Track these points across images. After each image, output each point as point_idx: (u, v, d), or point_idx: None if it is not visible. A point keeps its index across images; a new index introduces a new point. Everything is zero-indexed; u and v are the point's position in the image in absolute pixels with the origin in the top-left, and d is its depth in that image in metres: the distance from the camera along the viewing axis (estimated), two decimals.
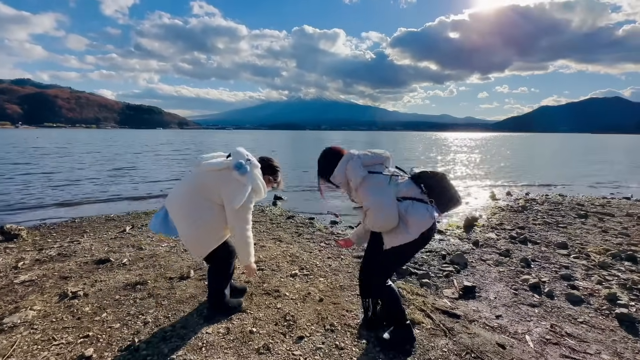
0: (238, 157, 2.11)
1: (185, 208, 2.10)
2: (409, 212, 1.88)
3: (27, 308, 2.47)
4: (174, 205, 2.15)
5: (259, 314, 2.45)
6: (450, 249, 4.11)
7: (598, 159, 23.00)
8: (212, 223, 2.12)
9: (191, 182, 2.15)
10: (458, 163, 18.63)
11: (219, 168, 2.11)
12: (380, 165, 2.04)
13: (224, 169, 2.10)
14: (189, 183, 2.16)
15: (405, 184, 1.98)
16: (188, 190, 2.13)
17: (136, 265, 3.35)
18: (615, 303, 2.77)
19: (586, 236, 4.71)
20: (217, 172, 2.11)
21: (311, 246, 4.13)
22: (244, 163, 2.09)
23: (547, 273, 3.40)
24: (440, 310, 2.60)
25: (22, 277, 3.03)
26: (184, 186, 2.18)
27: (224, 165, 2.10)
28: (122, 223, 5.17)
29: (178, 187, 2.22)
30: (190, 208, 2.09)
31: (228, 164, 2.09)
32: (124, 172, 12.82)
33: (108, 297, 2.66)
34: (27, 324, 2.28)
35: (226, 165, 2.09)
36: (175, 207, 2.13)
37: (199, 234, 2.10)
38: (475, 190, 9.66)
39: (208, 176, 2.11)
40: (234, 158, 2.11)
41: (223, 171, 2.10)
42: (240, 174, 2.05)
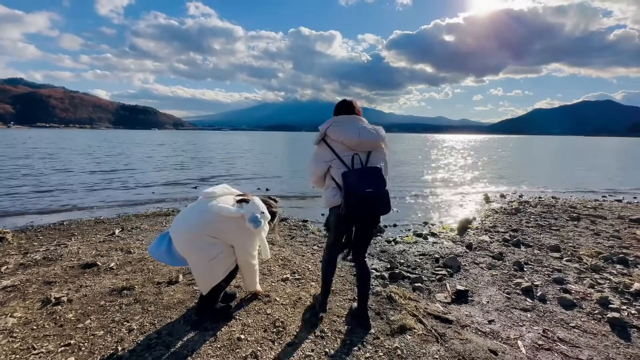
0: (254, 210, 2.17)
1: (196, 244, 2.12)
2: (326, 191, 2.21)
3: (7, 315, 2.38)
4: (181, 238, 2.15)
5: (248, 320, 2.40)
6: (444, 252, 4.09)
7: (590, 161, 23.28)
8: (222, 260, 2.18)
9: (201, 219, 2.15)
10: (453, 165, 18.72)
11: (234, 216, 2.14)
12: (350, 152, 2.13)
13: (239, 218, 2.15)
14: (199, 219, 2.15)
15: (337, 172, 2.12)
16: (198, 226, 2.13)
17: (124, 269, 3.28)
18: (607, 307, 2.76)
19: (578, 239, 4.73)
20: (231, 220, 2.15)
21: (304, 249, 4.08)
22: (259, 217, 2.16)
23: (539, 276, 3.39)
24: (432, 316, 2.56)
25: (4, 282, 2.93)
26: (192, 220, 2.16)
27: (239, 214, 2.14)
28: (112, 226, 5.08)
29: (185, 218, 2.20)
30: (202, 244, 2.12)
31: (243, 215, 2.14)
32: (115, 173, 12.66)
33: (93, 303, 2.58)
34: (6, 331, 2.20)
35: (241, 214, 2.15)
36: (184, 241, 2.14)
37: (210, 269, 2.15)
38: (469, 192, 9.69)
39: (221, 221, 2.14)
40: (250, 209, 2.17)
41: (237, 220, 2.15)
42: (255, 227, 2.15)
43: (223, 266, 2.20)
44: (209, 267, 2.13)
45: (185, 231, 2.14)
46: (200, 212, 2.17)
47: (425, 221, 6.05)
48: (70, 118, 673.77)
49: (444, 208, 7.41)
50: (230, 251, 2.24)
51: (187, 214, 2.22)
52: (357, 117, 2.20)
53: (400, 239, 4.71)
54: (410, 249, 4.25)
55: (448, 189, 10.21)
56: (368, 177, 2.03)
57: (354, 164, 2.09)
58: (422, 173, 14.49)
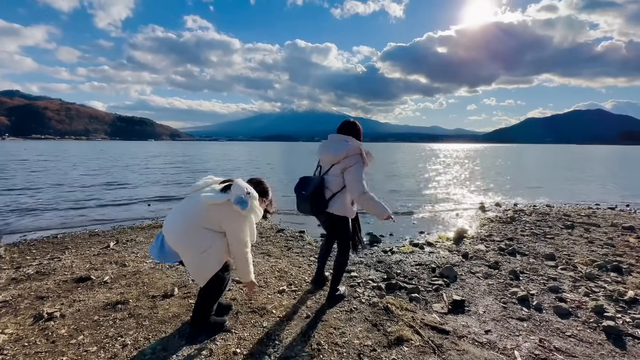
0: (238, 192, 2.13)
1: (187, 237, 2.11)
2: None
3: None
4: (173, 234, 2.14)
5: (244, 333, 2.38)
6: (440, 262, 4.10)
7: (582, 169, 23.60)
8: (214, 250, 2.15)
9: (190, 212, 2.15)
10: (449, 174, 18.87)
11: (219, 202, 2.11)
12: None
13: (225, 203, 2.11)
14: (188, 212, 2.15)
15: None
16: (187, 220, 2.13)
17: (118, 283, 3.24)
18: (602, 315, 2.78)
19: (573, 247, 4.77)
20: (218, 206, 2.12)
21: (300, 260, 4.07)
22: (245, 197, 2.12)
23: (535, 285, 3.41)
24: (429, 326, 2.56)
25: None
26: (181, 215, 2.17)
27: (224, 199, 2.11)
28: (107, 238, 5.03)
29: (175, 215, 2.20)
30: (192, 237, 2.11)
31: (228, 198, 2.11)
32: (110, 185, 12.58)
33: (86, 318, 2.55)
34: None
35: (226, 199, 2.11)
36: (175, 236, 2.13)
37: (203, 261, 2.13)
38: (465, 201, 9.76)
39: (209, 209, 2.12)
40: (234, 192, 2.13)
41: (224, 205, 2.11)
42: (242, 208, 2.10)
43: (216, 257, 2.17)
44: (202, 259, 2.11)
45: (174, 226, 2.14)
46: (187, 206, 2.19)
47: (422, 230, 6.07)
48: (66, 129, 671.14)
49: (440, 217, 7.44)
50: (223, 241, 2.19)
51: (176, 210, 2.23)
52: (337, 136, 2.64)
53: (396, 249, 4.72)
54: (406, 259, 4.25)
55: (444, 198, 10.27)
56: (306, 184, 2.60)
57: (314, 173, 2.76)
58: (418, 182, 14.58)
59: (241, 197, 2.10)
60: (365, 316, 2.67)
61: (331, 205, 2.55)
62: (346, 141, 2.57)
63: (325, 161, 2.63)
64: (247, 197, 2.12)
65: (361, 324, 2.55)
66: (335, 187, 2.54)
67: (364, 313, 2.72)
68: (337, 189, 2.54)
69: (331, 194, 2.54)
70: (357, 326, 2.52)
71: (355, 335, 2.40)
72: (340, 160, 2.53)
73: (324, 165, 2.66)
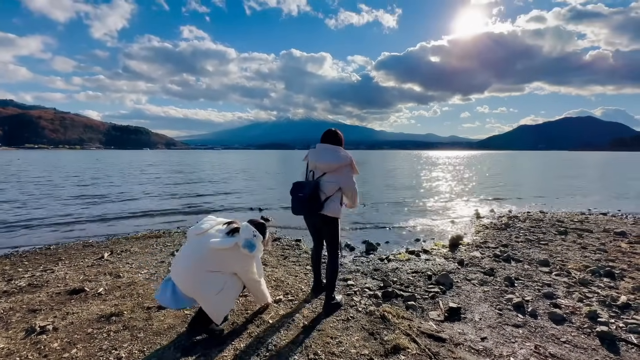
0: (247, 235, 2.25)
1: (200, 283, 2.17)
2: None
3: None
4: (186, 282, 2.20)
5: (240, 344, 2.36)
6: (436, 269, 4.12)
7: (575, 175, 23.94)
8: (227, 290, 2.26)
9: (200, 258, 2.21)
10: (444, 181, 19.02)
11: (227, 247, 2.21)
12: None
13: (233, 247, 2.22)
14: (198, 259, 2.21)
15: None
16: (197, 265, 2.19)
17: (112, 294, 3.20)
18: (596, 321, 2.81)
19: (566, 253, 4.82)
20: (227, 251, 2.22)
21: (297, 269, 4.06)
22: (253, 241, 2.26)
23: (530, 292, 3.44)
24: (426, 334, 2.56)
25: None
26: (192, 261, 2.21)
27: (232, 243, 2.21)
28: (101, 249, 4.98)
29: (183, 261, 2.24)
30: (206, 282, 2.18)
31: (236, 242, 2.22)
32: (104, 195, 12.47)
33: (80, 331, 2.51)
34: None
35: (234, 242, 2.22)
36: (189, 283, 2.19)
37: (219, 302, 2.23)
38: (460, 208, 9.83)
39: (217, 254, 2.21)
40: (242, 236, 2.25)
41: (232, 249, 2.22)
42: (250, 251, 2.24)
43: (231, 295, 2.29)
44: (218, 300, 2.21)
45: (185, 273, 2.20)
46: (195, 251, 2.24)
47: (418, 238, 6.10)
48: (60, 139, 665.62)
49: (435, 224, 7.49)
50: (235, 279, 2.32)
51: (183, 256, 2.28)
52: (327, 145, 2.81)
53: (393, 256, 4.73)
54: (403, 266, 4.26)
55: (440, 206, 10.34)
56: (302, 187, 2.73)
57: (307, 178, 2.86)
58: (413, 190, 14.67)
59: (250, 240, 2.24)
60: (362, 325, 2.67)
61: (326, 207, 2.73)
62: (337, 151, 2.79)
63: (320, 167, 2.78)
64: (254, 240, 2.26)
65: (358, 333, 2.55)
66: (330, 192, 2.74)
67: (361, 322, 2.72)
68: (330, 193, 2.74)
69: (325, 197, 2.73)
70: (354, 335, 2.52)
71: (352, 344, 2.40)
72: (336, 168, 2.75)
73: (317, 171, 2.81)
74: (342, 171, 2.77)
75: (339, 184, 2.75)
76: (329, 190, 2.73)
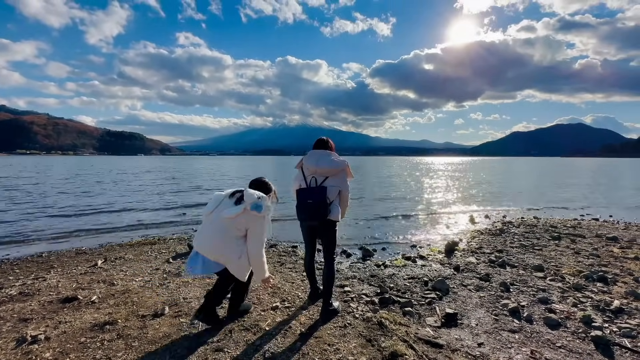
0: (251, 199, 2.45)
1: (225, 249, 2.47)
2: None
3: None
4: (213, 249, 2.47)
5: (236, 352, 2.34)
6: (432, 275, 4.13)
7: (568, 181, 24.29)
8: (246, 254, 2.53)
9: (220, 229, 2.48)
10: (439, 187, 19.16)
11: (238, 214, 2.43)
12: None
13: (243, 212, 2.43)
14: (219, 230, 2.48)
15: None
16: (221, 236, 2.47)
17: (106, 302, 3.16)
18: (590, 325, 2.84)
19: (560, 258, 4.88)
20: (240, 215, 2.43)
21: (293, 276, 4.05)
22: (258, 202, 2.44)
23: (525, 297, 3.46)
24: (423, 341, 2.57)
25: None
26: (214, 232, 2.49)
27: (241, 209, 2.43)
28: (94, 257, 4.91)
29: (208, 234, 2.51)
30: (229, 248, 2.47)
31: (245, 207, 2.43)
32: (97, 201, 12.32)
33: (72, 341, 2.47)
34: None
35: (243, 208, 2.43)
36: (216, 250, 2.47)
37: (241, 264, 2.51)
38: (455, 214, 9.90)
39: (233, 221, 2.46)
40: (247, 201, 2.46)
41: (244, 213, 2.43)
42: (259, 212, 2.44)
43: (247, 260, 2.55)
44: (240, 263, 2.50)
45: (210, 240, 2.48)
46: (215, 224, 2.50)
47: (414, 244, 6.12)
48: (52, 144, 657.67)
49: (431, 230, 7.52)
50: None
51: (206, 230, 2.54)
52: (322, 151, 2.89)
53: (389, 262, 4.74)
54: (399, 272, 4.27)
55: (434, 211, 10.40)
56: (311, 193, 2.76)
57: (309, 184, 2.86)
58: (409, 195, 14.75)
59: (255, 203, 2.44)
60: (359, 331, 2.67)
61: (330, 211, 2.80)
62: (335, 156, 2.89)
63: (321, 172, 2.84)
64: (260, 202, 2.45)
65: (355, 340, 2.54)
66: (333, 196, 2.83)
67: (358, 328, 2.72)
68: (333, 197, 2.83)
69: (330, 202, 2.80)
70: (352, 342, 2.51)
71: (350, 351, 2.39)
72: (337, 173, 2.85)
73: (318, 176, 2.86)
74: (340, 175, 2.87)
75: (339, 188, 2.84)
76: (332, 195, 2.82)
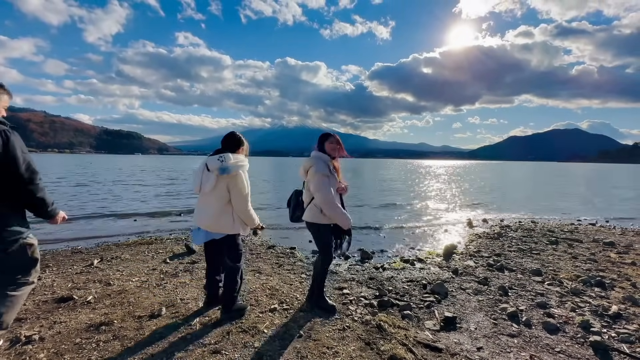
0: (215, 165, 2.54)
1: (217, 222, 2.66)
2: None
3: None
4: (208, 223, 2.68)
5: (234, 354, 2.31)
6: (431, 278, 4.12)
7: (565, 186, 24.45)
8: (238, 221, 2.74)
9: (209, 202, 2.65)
10: (437, 190, 19.21)
11: (213, 185, 2.57)
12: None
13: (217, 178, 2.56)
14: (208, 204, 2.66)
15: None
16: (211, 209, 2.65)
17: (102, 303, 3.12)
18: (588, 330, 2.84)
19: (558, 262, 4.89)
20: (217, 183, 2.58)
21: (292, 278, 4.02)
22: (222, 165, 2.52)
23: (524, 301, 3.46)
24: (422, 344, 2.55)
25: None
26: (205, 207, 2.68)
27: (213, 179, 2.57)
28: (90, 256, 4.86)
29: (202, 209, 2.71)
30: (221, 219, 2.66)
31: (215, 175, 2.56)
32: (93, 200, 12.24)
33: (67, 341, 2.43)
34: None
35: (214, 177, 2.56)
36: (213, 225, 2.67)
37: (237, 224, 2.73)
38: (453, 217, 9.92)
39: (214, 193, 2.62)
40: (212, 168, 2.56)
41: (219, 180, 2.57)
42: (228, 173, 2.53)
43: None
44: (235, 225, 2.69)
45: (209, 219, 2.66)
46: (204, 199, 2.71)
47: (412, 247, 6.11)
48: (49, 142, 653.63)
49: (429, 233, 7.53)
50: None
51: (200, 207, 2.73)
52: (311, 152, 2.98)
53: (388, 265, 4.73)
54: (398, 275, 4.26)
55: (433, 214, 10.41)
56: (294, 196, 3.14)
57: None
58: (407, 199, 14.77)
59: (220, 167, 2.52)
60: (358, 334, 2.65)
61: (305, 214, 2.93)
62: (311, 156, 2.95)
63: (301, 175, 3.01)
64: (224, 164, 2.52)
65: (354, 343, 2.52)
66: (307, 198, 2.95)
67: (357, 331, 2.70)
68: (308, 200, 2.93)
69: (306, 204, 2.95)
70: (350, 345, 2.49)
71: (349, 354, 2.37)
72: (307, 173, 2.89)
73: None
74: (310, 175, 2.83)
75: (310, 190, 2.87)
76: (307, 197, 2.93)
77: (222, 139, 2.82)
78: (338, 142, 2.91)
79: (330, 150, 2.88)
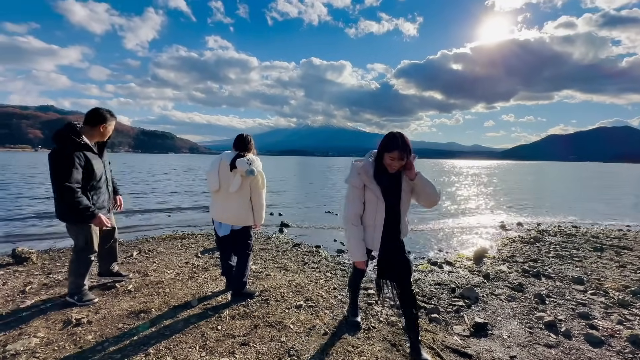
0: (243, 167, 2.81)
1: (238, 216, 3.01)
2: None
3: (30, 335, 2.46)
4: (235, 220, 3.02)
5: (262, 347, 2.39)
6: (460, 282, 3.98)
7: (611, 188, 22.48)
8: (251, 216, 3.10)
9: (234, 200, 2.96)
10: (467, 191, 18.44)
11: (239, 185, 2.88)
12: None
13: (243, 180, 2.89)
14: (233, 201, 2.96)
15: None
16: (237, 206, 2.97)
17: (141, 292, 3.34)
18: (638, 345, 2.61)
19: (603, 271, 4.52)
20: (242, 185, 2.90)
21: (317, 276, 4.06)
22: (250, 168, 2.81)
23: (563, 310, 3.25)
24: (450, 349, 2.48)
25: (28, 302, 3.04)
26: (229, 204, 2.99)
27: (239, 180, 2.88)
28: (130, 248, 5.21)
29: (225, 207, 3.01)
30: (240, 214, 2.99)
31: (242, 175, 2.86)
32: (132, 196, 13.06)
33: (111, 326, 2.63)
34: (30, 351, 2.26)
35: (240, 177, 2.87)
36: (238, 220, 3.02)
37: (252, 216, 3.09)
38: (484, 220, 9.49)
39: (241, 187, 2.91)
40: (240, 169, 2.83)
41: (244, 179, 2.89)
42: (253, 175, 2.86)
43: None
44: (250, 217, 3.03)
45: (235, 214, 2.99)
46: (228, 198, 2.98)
47: (440, 249, 5.93)
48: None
49: (458, 236, 7.26)
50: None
51: (223, 205, 3.01)
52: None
53: (414, 267, 4.63)
54: (425, 277, 4.16)
55: (463, 216, 10.02)
56: None
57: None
58: None
59: (248, 170, 2.81)
60: (383, 335, 2.63)
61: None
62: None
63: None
64: (251, 167, 2.81)
65: (380, 343, 2.51)
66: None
67: (382, 332, 2.68)
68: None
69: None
70: (376, 345, 2.48)
71: (374, 354, 2.36)
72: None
73: None
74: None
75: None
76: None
77: (234, 141, 3.08)
78: (401, 157, 2.10)
79: (387, 165, 2.18)
